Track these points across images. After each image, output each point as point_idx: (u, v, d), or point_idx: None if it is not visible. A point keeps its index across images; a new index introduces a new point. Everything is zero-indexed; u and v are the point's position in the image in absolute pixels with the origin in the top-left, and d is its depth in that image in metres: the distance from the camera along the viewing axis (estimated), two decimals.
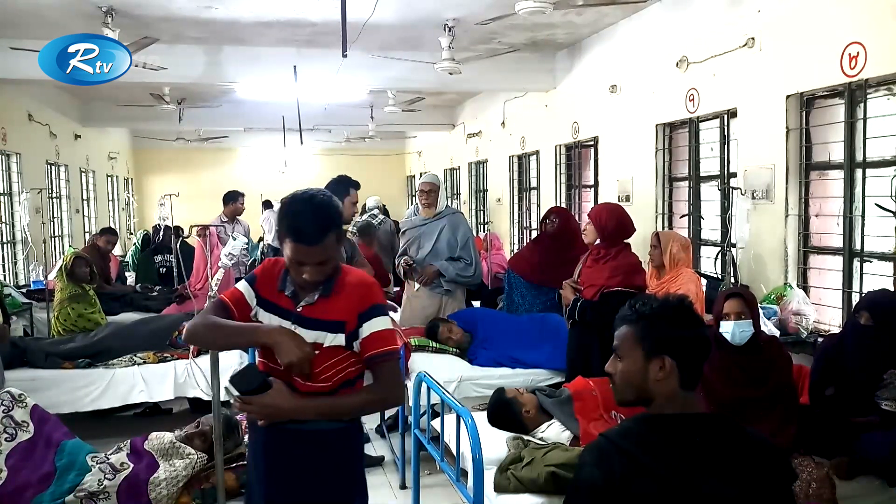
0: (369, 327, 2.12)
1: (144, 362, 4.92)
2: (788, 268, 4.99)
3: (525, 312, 5.20)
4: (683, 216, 6.30)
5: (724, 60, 5.50)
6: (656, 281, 4.63)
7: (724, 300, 3.31)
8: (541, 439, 3.38)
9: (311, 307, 2.14)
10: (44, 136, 10.19)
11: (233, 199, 7.74)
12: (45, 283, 6.74)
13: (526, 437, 3.35)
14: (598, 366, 3.92)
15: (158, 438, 3.08)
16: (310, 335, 2.11)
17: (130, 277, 8.88)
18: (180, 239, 7.02)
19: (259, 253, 12.38)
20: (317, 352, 2.08)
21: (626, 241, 4.25)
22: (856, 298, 4.41)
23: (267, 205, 13.67)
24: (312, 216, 2.07)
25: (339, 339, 2.11)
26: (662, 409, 1.73)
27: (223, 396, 2.47)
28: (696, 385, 1.77)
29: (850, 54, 4.34)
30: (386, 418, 5.18)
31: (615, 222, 4.15)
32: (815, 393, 3.44)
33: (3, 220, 8.72)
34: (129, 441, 3.14)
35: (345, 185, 4.36)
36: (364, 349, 2.13)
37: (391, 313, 5.30)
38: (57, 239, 10.83)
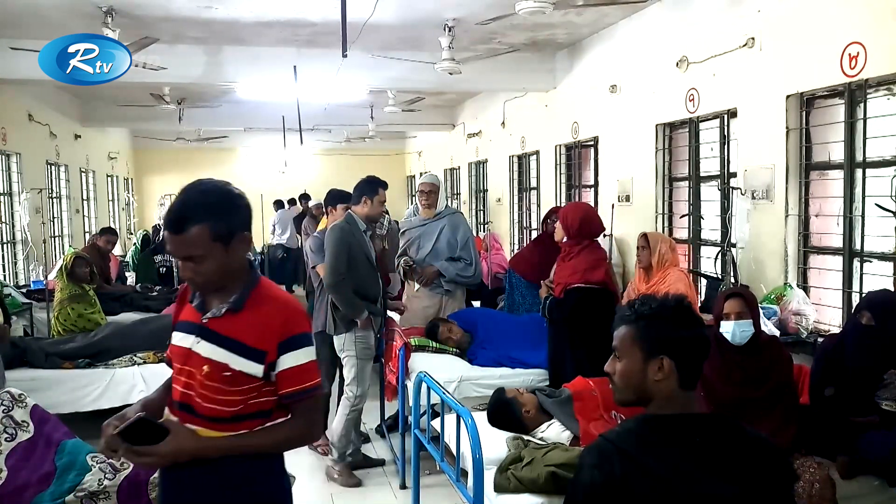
0: (292, 359, 1.90)
1: (144, 362, 4.93)
2: (788, 268, 4.98)
3: (526, 312, 5.20)
4: (683, 216, 6.30)
5: (724, 60, 5.49)
6: (645, 284, 4.63)
7: (724, 300, 3.31)
8: (541, 439, 3.38)
9: (217, 320, 1.91)
10: (44, 136, 10.19)
11: None
12: (45, 283, 6.74)
13: (526, 437, 3.35)
14: (572, 361, 3.95)
15: None
16: (216, 352, 1.88)
17: (130, 277, 8.89)
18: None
19: (259, 253, 12.39)
20: (227, 373, 1.87)
21: (596, 239, 4.27)
22: (856, 298, 4.41)
23: (279, 204, 13.69)
24: (181, 203, 1.87)
25: (256, 370, 1.88)
26: (662, 410, 1.73)
27: (106, 455, 2.25)
28: (695, 385, 1.77)
29: (850, 54, 4.33)
30: (386, 418, 5.18)
31: (579, 220, 4.18)
32: (816, 393, 3.45)
33: (3, 220, 8.72)
34: None
35: (373, 185, 4.50)
36: (283, 383, 1.90)
37: (394, 315, 5.33)
38: (57, 239, 10.83)
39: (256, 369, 1.88)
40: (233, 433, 1.90)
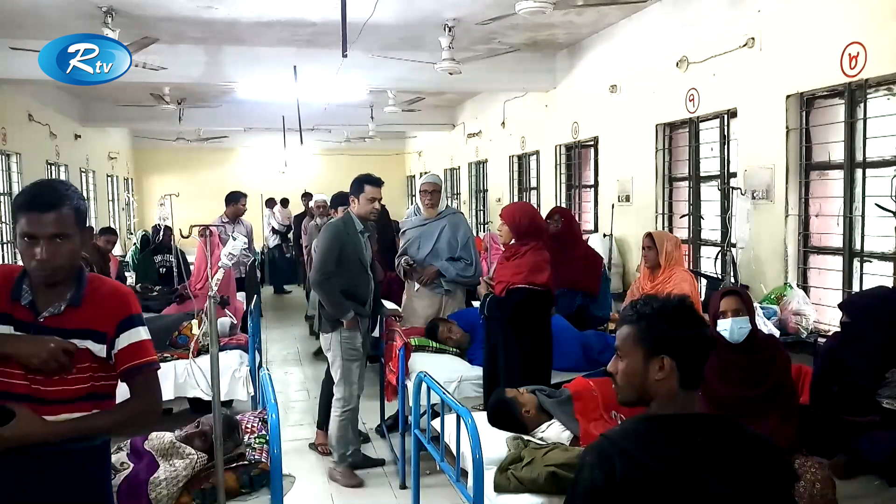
0: (127, 338, 2.02)
1: None
2: (788, 268, 4.99)
3: None
4: (683, 216, 6.30)
5: (724, 60, 5.50)
6: (650, 283, 4.63)
7: (720, 298, 3.31)
8: (541, 439, 3.37)
9: (57, 317, 1.96)
10: (44, 136, 10.19)
11: (234, 200, 7.73)
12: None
13: (526, 437, 3.34)
14: (505, 359, 3.95)
15: (158, 438, 3.07)
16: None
17: (130, 277, 8.88)
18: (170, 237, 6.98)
19: (259, 253, 12.40)
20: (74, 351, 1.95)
21: (541, 241, 4.25)
22: None
23: (270, 203, 13.69)
24: (48, 185, 1.98)
25: (100, 350, 1.99)
26: (663, 409, 1.73)
27: None
28: (697, 385, 1.77)
29: (850, 54, 4.34)
30: (386, 418, 5.18)
31: (528, 220, 4.16)
32: (818, 392, 3.45)
33: (3, 220, 8.72)
34: (128, 441, 3.13)
35: (360, 183, 4.44)
36: (121, 360, 2.01)
37: (389, 304, 5.33)
38: None
39: (100, 350, 1.99)
40: (77, 415, 1.98)
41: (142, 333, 2.07)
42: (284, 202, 13.81)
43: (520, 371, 3.86)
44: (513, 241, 4.13)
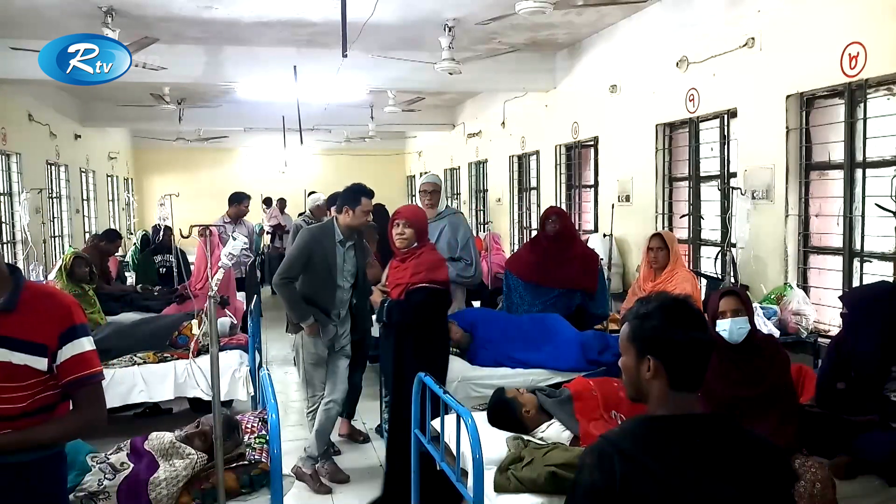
0: (70, 349, 1.97)
1: (144, 362, 4.92)
2: (788, 268, 4.99)
3: (525, 312, 5.19)
4: (683, 216, 6.30)
5: (724, 60, 5.50)
6: (651, 283, 4.62)
7: (719, 298, 3.31)
8: (541, 439, 3.37)
9: None
10: (44, 136, 10.19)
11: (238, 201, 7.72)
12: (44, 283, 6.74)
13: (526, 437, 3.34)
14: (411, 365, 3.83)
15: (158, 438, 3.07)
16: None
17: (130, 277, 8.88)
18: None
19: (259, 254, 12.39)
20: (11, 370, 1.92)
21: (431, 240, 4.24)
22: None
23: (267, 202, 13.66)
24: None
25: (41, 364, 1.95)
26: (656, 410, 1.74)
27: None
28: (693, 387, 1.76)
29: (850, 54, 4.34)
30: (386, 419, 5.18)
31: (425, 223, 4.17)
32: (824, 388, 3.45)
33: (3, 220, 8.73)
34: (129, 441, 3.13)
35: (356, 194, 4.35)
36: (65, 372, 1.98)
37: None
38: (57, 239, 10.84)
39: (41, 363, 1.95)
40: (21, 429, 1.95)
41: (85, 345, 2.01)
42: (274, 202, 13.73)
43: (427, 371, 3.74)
44: (415, 244, 4.04)
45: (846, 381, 3.37)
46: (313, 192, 9.80)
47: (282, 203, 13.61)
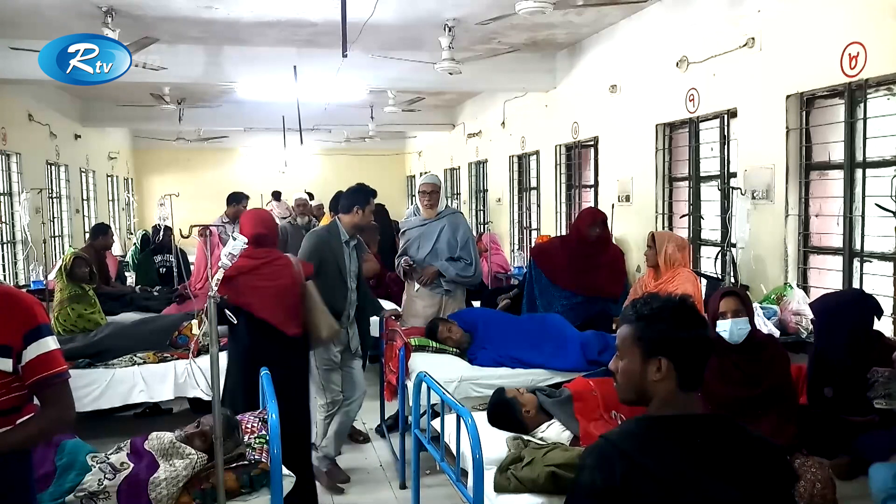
0: (35, 349, 1.94)
1: (144, 362, 4.93)
2: (788, 268, 4.99)
3: (542, 308, 5.20)
4: (683, 216, 6.30)
5: (724, 60, 5.49)
6: (653, 282, 4.63)
7: (719, 299, 3.31)
8: (541, 439, 3.38)
9: None
10: (44, 136, 10.19)
11: (236, 201, 7.72)
12: (45, 283, 6.73)
13: (526, 437, 3.35)
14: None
15: (158, 438, 3.07)
16: None
17: (130, 277, 8.87)
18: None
19: None
20: None
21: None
22: None
23: (276, 196, 13.58)
24: None
25: (6, 365, 1.92)
26: (662, 410, 1.73)
27: None
28: (697, 386, 1.77)
29: (850, 54, 4.33)
30: (386, 418, 5.18)
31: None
32: (812, 393, 3.45)
33: (3, 220, 8.72)
34: (129, 441, 3.13)
35: (367, 194, 4.44)
36: (30, 372, 1.95)
37: (389, 304, 5.32)
38: (57, 239, 10.83)
39: (6, 364, 1.92)
40: None
41: (50, 344, 1.99)
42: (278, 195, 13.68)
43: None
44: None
45: (834, 386, 3.37)
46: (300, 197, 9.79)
47: (276, 195, 13.54)
